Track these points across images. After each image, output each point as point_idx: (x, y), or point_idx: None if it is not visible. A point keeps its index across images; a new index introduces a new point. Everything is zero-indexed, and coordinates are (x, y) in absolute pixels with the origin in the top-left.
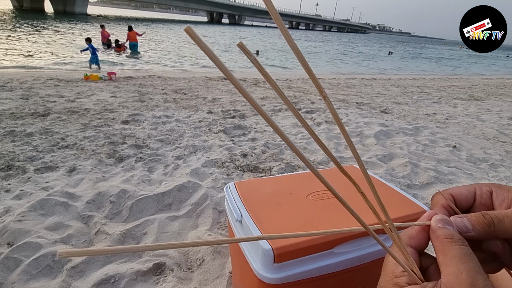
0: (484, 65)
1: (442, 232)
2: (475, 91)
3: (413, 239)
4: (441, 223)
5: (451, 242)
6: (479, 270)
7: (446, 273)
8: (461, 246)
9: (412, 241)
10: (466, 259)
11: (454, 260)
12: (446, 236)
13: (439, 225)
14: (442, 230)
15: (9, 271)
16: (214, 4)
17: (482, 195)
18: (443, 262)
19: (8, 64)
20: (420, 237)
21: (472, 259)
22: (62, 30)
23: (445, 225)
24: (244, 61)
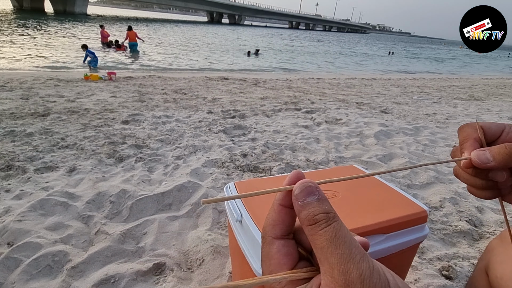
0: (494, 65)
1: (304, 215)
2: (475, 91)
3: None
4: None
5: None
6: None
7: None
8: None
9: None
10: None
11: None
12: (309, 221)
13: (300, 202)
14: (304, 211)
15: (9, 271)
16: (214, 4)
17: (508, 133)
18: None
19: (8, 64)
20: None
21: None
22: (63, 30)
23: (307, 197)
24: (245, 62)
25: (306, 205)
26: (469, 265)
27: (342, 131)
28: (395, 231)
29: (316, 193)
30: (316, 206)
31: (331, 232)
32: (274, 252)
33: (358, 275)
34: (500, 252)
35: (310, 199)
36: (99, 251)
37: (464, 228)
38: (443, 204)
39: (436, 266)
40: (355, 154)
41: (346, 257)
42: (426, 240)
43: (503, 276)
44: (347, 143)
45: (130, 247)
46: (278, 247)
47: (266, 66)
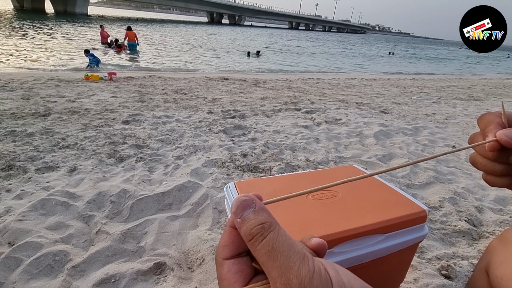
0: (497, 66)
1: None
2: (475, 91)
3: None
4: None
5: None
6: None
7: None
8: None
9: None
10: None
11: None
12: (248, 237)
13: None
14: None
15: (10, 270)
16: (214, 4)
17: None
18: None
19: (8, 64)
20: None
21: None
22: (63, 30)
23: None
24: (245, 62)
25: (244, 221)
26: (468, 264)
27: (341, 131)
28: (394, 231)
29: (252, 205)
30: (252, 219)
31: (267, 245)
32: (225, 273)
33: (298, 283)
34: (500, 252)
35: (246, 213)
36: (99, 250)
37: (463, 228)
38: (443, 204)
39: (435, 266)
40: (355, 154)
41: (284, 269)
42: (425, 239)
43: (504, 276)
44: (347, 143)
45: (130, 247)
46: (228, 267)
47: (269, 67)
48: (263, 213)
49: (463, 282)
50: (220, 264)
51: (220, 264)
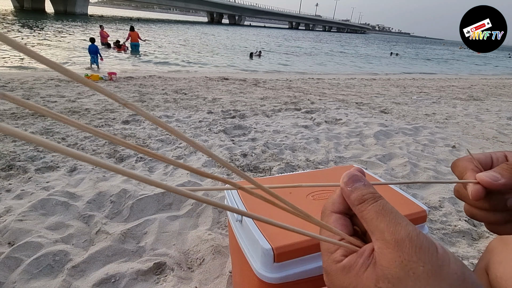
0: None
1: (353, 197)
2: (474, 91)
3: (336, 205)
4: (350, 184)
5: (365, 205)
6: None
7: (374, 239)
8: (374, 203)
9: (335, 207)
10: (382, 215)
11: (374, 223)
12: (358, 201)
13: (349, 188)
14: (353, 194)
15: (10, 270)
16: (214, 4)
17: (498, 158)
18: (368, 229)
19: (8, 64)
20: (342, 201)
21: (387, 212)
22: (63, 30)
23: (355, 183)
24: (244, 63)
25: (355, 189)
26: (468, 264)
27: (341, 131)
28: None
29: (363, 180)
30: (363, 189)
31: (378, 205)
32: (332, 222)
33: (406, 234)
34: (499, 252)
35: (357, 185)
36: (99, 250)
37: (463, 227)
38: (443, 204)
39: None
40: (355, 154)
41: (394, 222)
42: None
43: (503, 276)
44: (347, 143)
45: (130, 247)
46: (335, 218)
47: (270, 67)
48: (372, 187)
49: None
50: (328, 216)
51: (328, 215)
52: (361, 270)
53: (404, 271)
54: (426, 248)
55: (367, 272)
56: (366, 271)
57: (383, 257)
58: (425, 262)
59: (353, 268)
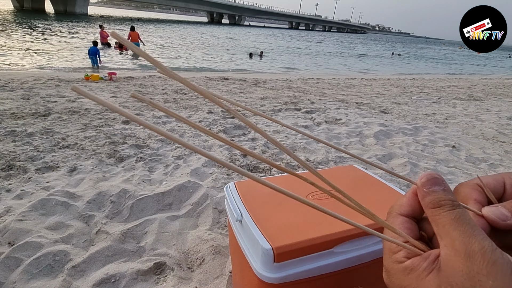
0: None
1: (429, 200)
2: (474, 91)
3: (403, 207)
4: (428, 186)
5: (440, 210)
6: (472, 232)
7: (443, 245)
8: (450, 211)
9: (403, 209)
10: (457, 224)
11: (446, 229)
12: (434, 204)
13: (426, 189)
14: (429, 196)
15: (10, 270)
16: (214, 4)
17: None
18: (438, 233)
19: (8, 64)
20: (411, 203)
21: (463, 222)
22: (62, 30)
23: (433, 186)
24: (244, 63)
25: (431, 192)
26: None
27: (342, 131)
28: None
29: (442, 185)
30: (442, 194)
31: (456, 213)
32: (398, 223)
33: (480, 247)
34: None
35: (435, 188)
36: (99, 250)
37: None
38: None
39: None
40: (355, 154)
41: (468, 233)
42: None
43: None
44: (347, 143)
45: (130, 247)
46: (402, 221)
47: (271, 67)
48: (452, 194)
49: None
50: (394, 217)
51: (395, 216)
52: (423, 273)
53: (471, 282)
54: (500, 265)
55: (430, 276)
56: (429, 275)
57: (450, 264)
58: (496, 278)
59: (415, 270)
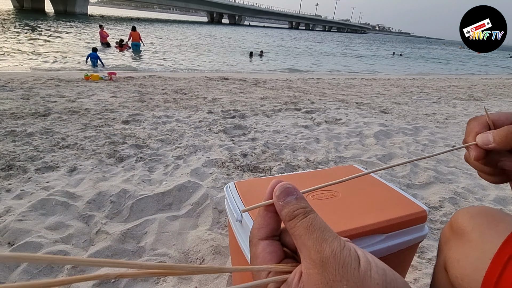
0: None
1: (285, 213)
2: (475, 91)
3: (261, 230)
4: (282, 198)
5: (296, 221)
6: (323, 237)
7: (302, 258)
8: (303, 219)
9: (261, 233)
10: (310, 232)
11: (302, 240)
12: (289, 217)
13: (281, 202)
14: (284, 209)
15: (9, 270)
16: (214, 4)
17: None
18: (298, 246)
19: (9, 64)
20: (268, 222)
21: (315, 228)
22: (62, 30)
23: (287, 197)
24: (243, 62)
25: (286, 204)
26: None
27: (342, 131)
28: (394, 231)
29: (294, 193)
30: (294, 203)
31: (307, 221)
32: (259, 251)
33: (330, 251)
34: (455, 248)
35: (289, 199)
36: (99, 250)
37: None
38: (443, 204)
39: None
40: (355, 154)
41: (320, 239)
42: (425, 239)
43: (464, 278)
44: (347, 143)
45: (130, 247)
46: (263, 247)
47: (271, 67)
48: (304, 201)
49: None
50: (255, 244)
51: (255, 244)
52: None
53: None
54: (348, 264)
55: None
56: None
57: (310, 279)
58: (348, 280)
59: None
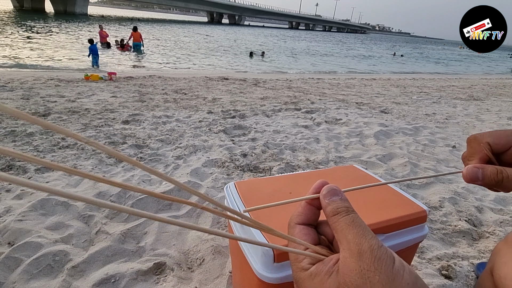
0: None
1: (329, 209)
2: (475, 91)
3: (299, 217)
4: (328, 197)
5: (338, 217)
6: (363, 233)
7: (341, 248)
8: (346, 216)
9: (300, 218)
10: (351, 227)
11: (343, 233)
12: (333, 212)
13: (327, 200)
14: (329, 206)
15: (10, 270)
16: (214, 4)
17: None
18: (338, 238)
19: (9, 64)
20: (306, 212)
21: (356, 225)
22: (62, 30)
23: (332, 197)
24: (244, 63)
25: (332, 202)
26: (468, 264)
27: (342, 131)
28: (394, 231)
29: (340, 194)
30: (339, 202)
31: (350, 218)
32: (296, 233)
33: (368, 246)
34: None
35: (335, 198)
36: (99, 250)
37: (463, 227)
38: (443, 204)
39: (435, 266)
40: (355, 154)
41: (360, 235)
42: (425, 239)
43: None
44: (347, 143)
45: (130, 247)
46: (299, 229)
47: (272, 68)
48: (347, 202)
49: (463, 282)
50: (293, 227)
51: (293, 227)
52: (325, 277)
53: (362, 279)
54: (384, 260)
55: (330, 279)
56: (330, 277)
57: (346, 265)
58: (381, 272)
59: (318, 275)
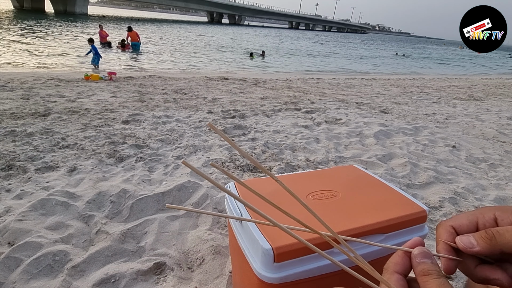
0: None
1: (420, 268)
2: (475, 91)
3: (398, 265)
4: (419, 257)
5: (429, 277)
6: None
7: None
8: (436, 279)
9: (398, 268)
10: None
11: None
12: (423, 272)
13: (418, 260)
14: (420, 266)
15: (9, 270)
16: (214, 4)
17: (485, 224)
18: None
19: (9, 64)
20: (404, 263)
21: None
22: (62, 30)
23: (423, 258)
24: (244, 63)
25: (422, 263)
26: None
27: (342, 131)
28: (394, 231)
29: (431, 258)
30: (430, 265)
31: (440, 281)
32: (393, 280)
33: None
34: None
35: (425, 260)
36: (99, 250)
37: None
38: (443, 204)
39: None
40: (355, 154)
41: None
42: (425, 239)
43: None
44: (347, 143)
45: (130, 247)
46: (397, 278)
47: (272, 68)
48: (438, 266)
49: (463, 282)
50: (391, 274)
51: (391, 273)
52: None
53: None
54: None
55: None
56: None
57: None
58: None
59: None
